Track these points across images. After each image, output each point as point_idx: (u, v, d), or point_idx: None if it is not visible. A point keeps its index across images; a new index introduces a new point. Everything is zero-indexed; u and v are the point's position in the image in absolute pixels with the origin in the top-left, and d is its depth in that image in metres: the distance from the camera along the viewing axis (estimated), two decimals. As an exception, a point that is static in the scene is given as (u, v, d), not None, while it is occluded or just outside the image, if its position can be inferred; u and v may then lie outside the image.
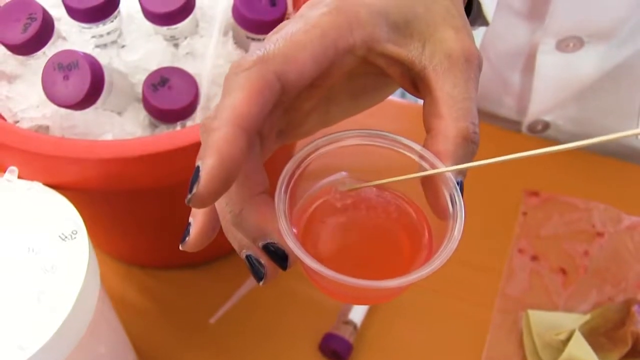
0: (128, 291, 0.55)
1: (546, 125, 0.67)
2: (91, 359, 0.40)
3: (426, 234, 0.29)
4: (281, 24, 0.27)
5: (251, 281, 0.54)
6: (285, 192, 0.26)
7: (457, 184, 0.27)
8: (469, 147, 0.27)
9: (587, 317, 0.51)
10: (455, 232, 0.26)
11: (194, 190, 0.23)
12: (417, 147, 0.28)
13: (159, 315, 0.53)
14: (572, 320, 0.51)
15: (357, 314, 0.52)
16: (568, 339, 0.49)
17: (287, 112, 0.28)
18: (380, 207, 0.30)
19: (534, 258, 0.57)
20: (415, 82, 0.29)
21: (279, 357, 0.52)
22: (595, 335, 0.49)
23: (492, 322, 0.53)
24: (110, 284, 0.54)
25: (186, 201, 0.24)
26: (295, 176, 0.27)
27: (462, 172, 0.27)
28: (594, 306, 0.54)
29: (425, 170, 0.27)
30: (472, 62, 0.28)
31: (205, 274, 0.55)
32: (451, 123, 0.27)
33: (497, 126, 0.67)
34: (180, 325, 0.53)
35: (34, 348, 0.33)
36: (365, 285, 0.25)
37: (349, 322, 0.52)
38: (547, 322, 0.51)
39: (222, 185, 0.23)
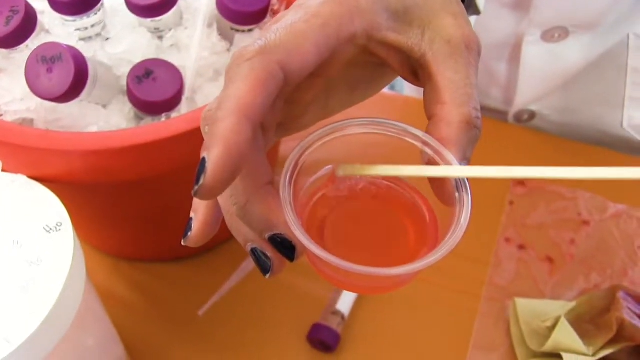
0: (116, 284, 0.55)
1: (532, 115, 0.67)
2: (79, 351, 0.40)
3: (431, 222, 0.29)
4: (281, 14, 0.27)
5: (239, 273, 0.55)
6: (290, 182, 0.26)
7: None
8: (472, 132, 0.27)
9: (573, 304, 0.51)
10: (462, 221, 0.26)
11: (201, 182, 0.23)
12: (420, 134, 0.28)
13: (147, 308, 0.54)
14: (559, 308, 0.51)
15: (345, 304, 0.53)
16: (554, 326, 0.49)
17: (287, 103, 0.28)
18: (384, 196, 0.30)
19: (521, 247, 0.57)
20: (416, 70, 0.29)
21: (267, 348, 0.52)
22: (581, 322, 0.49)
23: (479, 311, 0.53)
24: (98, 278, 0.54)
25: (193, 193, 0.23)
26: (300, 166, 0.27)
27: (466, 158, 0.27)
28: (580, 294, 0.54)
29: (430, 156, 0.27)
30: (472, 49, 0.28)
31: (193, 267, 0.55)
32: (454, 109, 0.27)
33: (483, 116, 0.68)
34: (169, 318, 0.53)
35: (19, 340, 0.33)
36: (374, 273, 0.25)
37: (336, 313, 0.52)
38: (533, 310, 0.52)
39: (229, 176, 0.23)
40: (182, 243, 0.28)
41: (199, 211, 0.27)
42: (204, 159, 0.23)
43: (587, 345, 0.47)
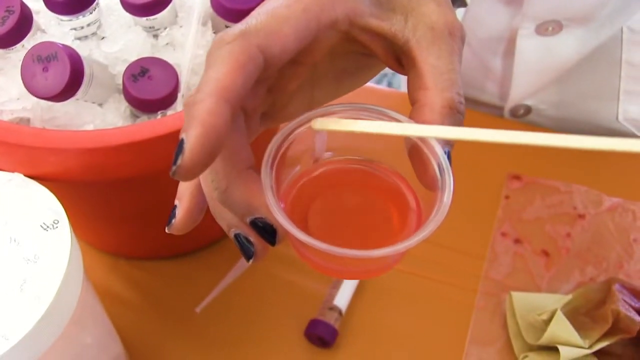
0: (114, 282, 0.55)
1: (528, 110, 0.67)
2: (77, 348, 0.40)
3: (415, 205, 0.29)
4: (264, 1, 0.27)
5: (236, 270, 0.55)
6: (272, 166, 0.26)
7: (445, 153, 0.27)
8: (455, 117, 0.27)
9: (569, 297, 0.52)
10: (445, 199, 0.26)
11: (178, 162, 0.23)
12: (404, 119, 0.28)
13: (145, 305, 0.54)
14: (554, 301, 0.52)
15: (342, 299, 0.53)
16: (550, 319, 0.49)
17: (271, 92, 0.28)
18: (368, 180, 0.30)
19: (517, 241, 0.57)
20: (399, 57, 0.29)
21: (265, 344, 0.52)
22: (577, 315, 0.50)
23: (476, 305, 0.54)
24: (95, 276, 0.55)
25: (170, 173, 0.24)
26: (282, 150, 0.27)
27: (449, 143, 0.27)
28: (576, 287, 0.54)
29: (413, 141, 0.27)
30: (455, 35, 0.28)
31: (190, 264, 0.55)
32: (437, 94, 0.27)
33: (479, 112, 0.68)
34: (166, 315, 0.53)
35: (17, 338, 0.34)
36: (355, 255, 0.25)
37: (334, 308, 0.52)
38: (529, 303, 0.52)
39: (206, 157, 0.23)
40: (166, 230, 0.28)
41: (183, 199, 0.28)
42: (182, 140, 0.23)
43: (583, 338, 0.48)
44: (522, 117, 0.68)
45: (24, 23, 0.44)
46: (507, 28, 0.60)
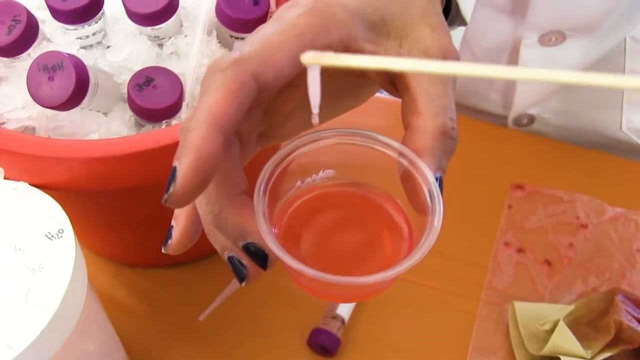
0: (117, 290, 0.55)
1: (532, 119, 0.67)
2: (80, 357, 0.40)
3: (406, 229, 0.29)
4: (259, 27, 0.27)
5: (240, 278, 0.55)
6: (264, 192, 0.27)
7: (437, 179, 0.27)
8: (447, 142, 0.27)
9: (572, 307, 0.52)
10: (435, 224, 0.26)
11: (171, 190, 0.24)
12: (396, 145, 0.28)
13: (148, 314, 0.54)
14: (557, 311, 0.52)
15: (345, 308, 0.53)
16: (552, 329, 0.49)
17: (267, 114, 0.29)
18: (360, 204, 0.30)
19: (520, 250, 0.57)
20: (394, 80, 0.29)
21: (268, 353, 0.52)
22: (579, 325, 0.50)
23: (478, 314, 0.54)
24: (99, 283, 0.55)
25: (163, 201, 0.24)
26: (274, 176, 0.27)
27: (441, 168, 0.28)
28: (579, 297, 0.54)
29: (405, 166, 0.28)
30: (450, 59, 0.28)
31: (194, 272, 0.56)
32: (429, 119, 0.27)
33: (483, 121, 0.68)
34: (170, 323, 0.53)
35: (22, 346, 0.34)
36: (347, 282, 0.25)
37: (336, 317, 0.52)
38: (532, 313, 0.52)
39: (198, 185, 0.24)
40: (163, 250, 0.28)
41: (179, 220, 0.28)
42: (175, 167, 0.24)
43: (586, 349, 0.48)
44: (526, 126, 0.68)
45: (30, 32, 0.44)
46: (511, 38, 0.60)
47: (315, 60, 0.23)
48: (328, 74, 0.29)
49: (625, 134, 0.65)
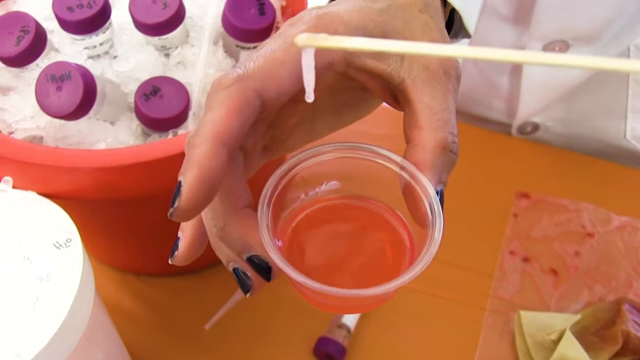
0: (123, 298, 0.55)
1: (535, 127, 0.67)
2: (87, 365, 0.40)
3: (408, 241, 0.30)
4: (263, 43, 0.28)
5: (245, 287, 0.55)
6: (268, 206, 0.27)
7: (437, 193, 0.27)
8: (447, 157, 0.28)
9: (578, 316, 0.52)
10: (436, 236, 0.26)
11: (176, 204, 0.24)
12: (397, 159, 0.28)
13: (154, 322, 0.54)
14: (563, 320, 0.52)
15: (351, 317, 0.53)
16: (559, 339, 0.49)
17: (271, 127, 0.29)
18: (364, 217, 0.31)
19: (525, 259, 0.57)
20: (396, 95, 0.29)
21: (274, 362, 0.52)
22: (586, 335, 0.50)
23: (484, 324, 0.54)
24: (105, 292, 0.55)
25: (168, 215, 0.25)
26: (278, 190, 0.28)
27: (442, 182, 0.28)
28: (585, 306, 0.54)
29: (406, 180, 0.28)
30: (451, 75, 0.28)
31: (200, 281, 0.56)
32: (430, 133, 0.27)
33: (487, 129, 0.68)
34: (176, 332, 0.53)
35: (30, 355, 0.34)
36: (349, 295, 0.25)
37: (342, 326, 0.52)
38: (538, 322, 0.52)
39: (202, 199, 0.24)
40: (169, 261, 0.29)
41: (185, 232, 0.28)
42: (180, 182, 0.24)
43: (593, 358, 0.48)
44: (530, 134, 0.68)
45: (39, 43, 0.45)
46: (514, 47, 0.61)
47: (308, 42, 0.23)
48: (333, 88, 0.29)
49: (629, 142, 0.65)
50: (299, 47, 0.23)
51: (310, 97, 0.25)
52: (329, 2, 0.33)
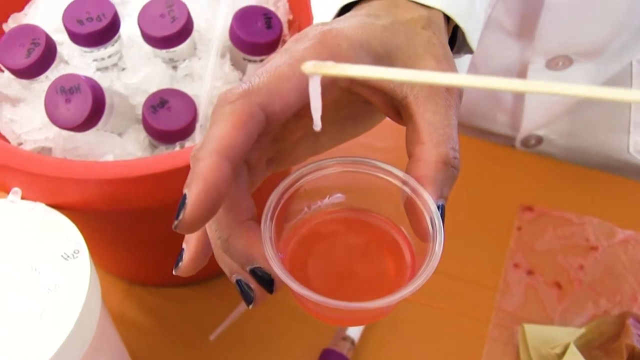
0: (129, 309, 0.55)
1: (539, 140, 0.68)
2: (93, 376, 0.41)
3: (409, 255, 0.30)
4: (268, 58, 0.28)
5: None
6: (271, 219, 0.28)
7: (438, 207, 0.28)
8: (449, 172, 0.28)
9: (583, 330, 0.52)
10: (436, 250, 0.27)
11: (180, 217, 0.25)
12: (400, 173, 0.29)
13: (160, 333, 0.54)
14: (568, 334, 0.52)
15: (355, 329, 0.53)
16: (563, 353, 0.49)
17: (275, 141, 0.29)
18: (366, 230, 0.31)
19: (529, 272, 0.57)
20: (399, 110, 0.30)
21: (278, 373, 0.52)
22: (590, 349, 0.50)
23: (488, 337, 0.54)
24: (111, 302, 0.55)
25: (173, 227, 0.25)
26: (281, 203, 0.28)
27: (443, 196, 0.28)
28: (590, 319, 0.54)
29: (408, 195, 0.28)
30: (453, 91, 0.29)
31: (205, 292, 0.56)
32: (431, 149, 0.28)
33: (491, 142, 0.68)
34: (181, 342, 0.53)
35: (36, 365, 0.34)
36: (350, 307, 0.26)
37: (346, 338, 0.52)
38: (542, 336, 0.52)
39: (207, 212, 0.25)
40: (174, 272, 0.29)
41: (189, 243, 0.29)
42: (184, 195, 0.25)
43: (597, 372, 0.48)
44: (533, 147, 0.68)
45: (49, 55, 0.45)
46: (518, 61, 0.61)
47: (316, 69, 0.24)
48: (337, 102, 0.29)
49: (632, 156, 0.65)
50: (306, 72, 0.24)
51: (317, 125, 0.26)
52: (334, 18, 0.34)
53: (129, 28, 0.49)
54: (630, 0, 0.53)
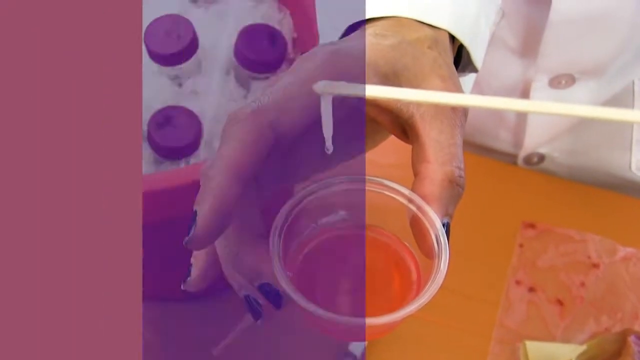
0: (132, 323, 0.55)
1: (542, 158, 0.68)
2: (95, 391, 0.41)
3: (415, 271, 0.30)
4: (277, 77, 0.29)
5: (253, 313, 0.55)
6: (279, 236, 0.28)
7: (444, 225, 0.28)
8: (454, 190, 0.28)
9: (584, 347, 0.52)
10: (442, 267, 0.27)
11: (191, 233, 0.25)
12: (405, 191, 0.29)
13: (162, 347, 0.54)
14: (569, 351, 0.52)
15: (358, 346, 0.53)
16: (565, 370, 0.49)
17: (284, 158, 0.30)
18: (372, 247, 0.31)
19: (531, 289, 0.58)
20: (405, 129, 0.30)
21: (280, 389, 0.52)
22: (592, 366, 0.50)
23: (490, 353, 0.54)
24: (114, 317, 0.55)
25: (184, 243, 0.26)
26: (289, 220, 0.29)
27: (448, 214, 0.29)
28: (591, 337, 0.54)
29: (413, 212, 0.29)
30: (458, 110, 0.29)
31: (208, 306, 0.56)
32: (437, 167, 0.28)
33: (493, 159, 0.69)
34: (184, 357, 0.54)
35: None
36: (356, 323, 0.26)
37: (349, 354, 0.52)
38: (544, 352, 0.52)
39: (217, 229, 0.25)
40: (182, 287, 0.29)
41: (198, 259, 0.29)
42: (195, 212, 0.25)
43: (598, 390, 0.48)
44: (536, 165, 0.69)
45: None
46: (521, 80, 0.61)
47: (327, 89, 0.24)
48: (344, 120, 0.30)
49: (634, 174, 0.66)
50: (318, 92, 0.24)
51: (329, 147, 0.26)
52: (341, 37, 0.34)
53: (136, 45, 0.50)
54: (633, 19, 0.54)
